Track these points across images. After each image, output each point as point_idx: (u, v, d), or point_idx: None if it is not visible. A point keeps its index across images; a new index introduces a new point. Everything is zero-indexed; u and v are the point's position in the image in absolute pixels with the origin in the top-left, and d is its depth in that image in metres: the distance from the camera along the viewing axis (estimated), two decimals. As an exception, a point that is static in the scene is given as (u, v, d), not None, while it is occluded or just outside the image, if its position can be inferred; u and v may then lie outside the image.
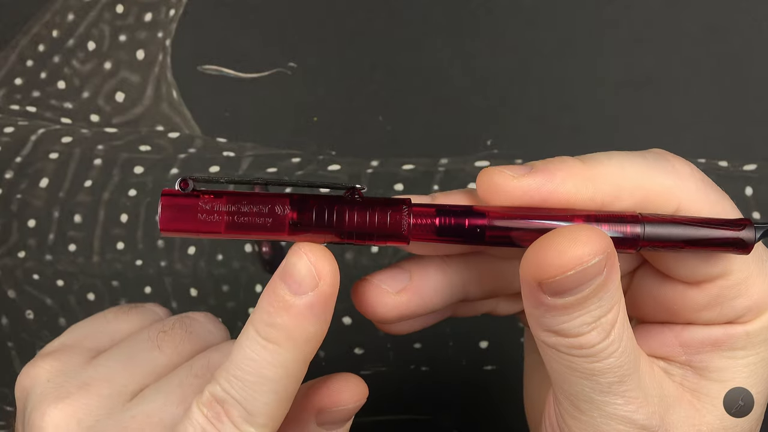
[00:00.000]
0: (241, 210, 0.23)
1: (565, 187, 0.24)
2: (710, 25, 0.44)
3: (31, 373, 0.29)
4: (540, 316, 0.23)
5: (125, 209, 0.46)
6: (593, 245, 0.22)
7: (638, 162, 0.25)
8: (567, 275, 0.22)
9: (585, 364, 0.23)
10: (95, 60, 0.47)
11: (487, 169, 0.24)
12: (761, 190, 0.44)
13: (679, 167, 0.25)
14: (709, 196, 0.25)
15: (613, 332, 0.23)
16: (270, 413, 0.24)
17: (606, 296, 0.23)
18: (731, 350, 0.26)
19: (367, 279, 0.27)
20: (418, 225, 0.24)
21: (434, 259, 0.27)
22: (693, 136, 0.44)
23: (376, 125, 0.46)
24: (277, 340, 0.23)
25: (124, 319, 0.32)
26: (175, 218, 0.23)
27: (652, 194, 0.24)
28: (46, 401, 0.27)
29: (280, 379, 0.24)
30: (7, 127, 0.47)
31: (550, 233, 0.22)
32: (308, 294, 0.23)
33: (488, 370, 0.45)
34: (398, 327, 0.29)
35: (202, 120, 0.47)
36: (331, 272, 0.23)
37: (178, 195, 0.24)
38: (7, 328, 0.47)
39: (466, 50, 0.45)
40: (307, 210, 0.24)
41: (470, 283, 0.27)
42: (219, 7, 0.46)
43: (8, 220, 0.46)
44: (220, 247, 0.46)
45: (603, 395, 0.24)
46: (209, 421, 0.24)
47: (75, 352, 0.30)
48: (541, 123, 0.45)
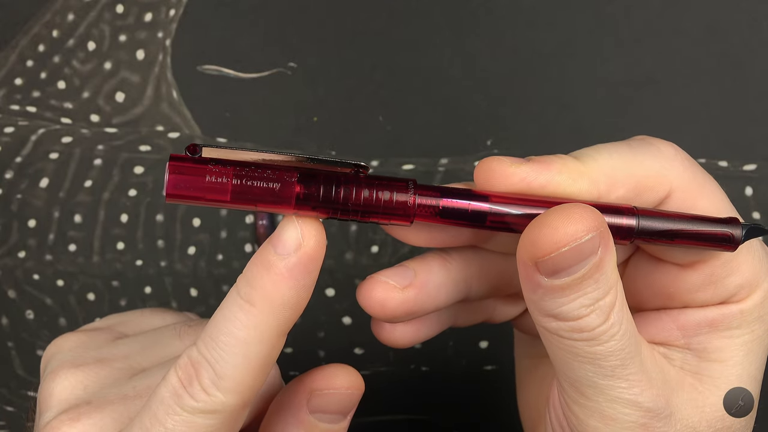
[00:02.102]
0: (248, 180, 0.23)
1: (560, 177, 0.24)
2: (710, 25, 0.44)
3: (58, 342, 0.30)
4: (539, 300, 0.24)
5: (125, 209, 0.46)
6: (586, 222, 0.22)
7: (624, 151, 0.26)
8: (561, 252, 0.22)
9: (586, 348, 0.24)
10: (95, 60, 0.47)
11: (485, 158, 0.25)
12: (761, 190, 0.44)
13: (664, 149, 0.26)
14: (695, 176, 0.26)
15: (613, 315, 0.24)
16: (239, 378, 0.24)
17: (602, 278, 0.23)
18: (728, 329, 0.26)
19: (373, 277, 0.27)
20: (422, 205, 0.24)
21: (435, 257, 0.28)
22: (693, 136, 0.44)
23: (376, 125, 0.46)
24: (254, 299, 0.24)
25: (158, 317, 0.33)
26: (182, 183, 0.23)
27: (643, 179, 0.25)
28: (62, 366, 0.28)
29: (252, 342, 0.24)
30: (7, 127, 0.47)
31: (544, 213, 0.23)
32: (290, 255, 0.23)
33: (488, 370, 0.46)
34: (401, 338, 0.29)
35: (202, 120, 0.47)
36: (315, 237, 0.24)
37: (186, 160, 0.23)
38: (7, 328, 0.47)
39: (466, 50, 0.45)
40: (314, 184, 0.24)
41: (471, 279, 0.28)
42: (219, 7, 0.46)
43: (8, 220, 0.46)
44: (220, 247, 0.46)
45: (607, 379, 0.24)
46: (181, 383, 0.24)
47: (103, 332, 0.31)
48: (541, 123, 0.45)
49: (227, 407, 0.24)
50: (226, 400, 0.24)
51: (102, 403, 0.27)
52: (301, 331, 0.44)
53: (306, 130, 0.46)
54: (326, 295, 0.44)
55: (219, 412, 0.24)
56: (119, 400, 0.27)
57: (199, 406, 0.24)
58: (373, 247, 0.45)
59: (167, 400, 0.24)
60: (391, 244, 0.45)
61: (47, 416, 0.27)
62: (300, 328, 0.26)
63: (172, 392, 0.24)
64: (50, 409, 0.27)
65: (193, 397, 0.24)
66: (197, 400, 0.24)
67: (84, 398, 0.27)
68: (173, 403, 0.24)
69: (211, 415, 0.24)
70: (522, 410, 0.33)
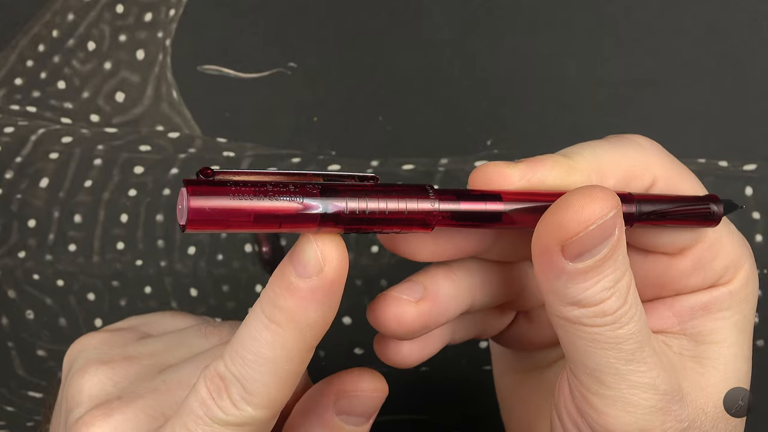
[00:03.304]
0: (270, 199, 0.21)
1: (554, 172, 0.25)
2: (710, 25, 0.44)
3: (82, 341, 0.30)
4: (562, 287, 0.24)
5: (125, 209, 0.46)
6: (609, 200, 0.23)
7: (605, 146, 0.27)
8: (589, 230, 0.23)
9: (609, 332, 0.24)
10: (95, 60, 0.47)
11: (480, 166, 0.25)
12: (761, 190, 0.44)
13: (642, 142, 0.27)
14: (673, 162, 0.27)
15: (629, 296, 0.24)
16: (268, 394, 0.24)
17: (620, 258, 0.24)
18: (719, 311, 0.28)
19: (384, 294, 0.27)
20: (442, 211, 0.24)
21: (439, 269, 0.28)
22: (693, 136, 0.44)
23: (376, 125, 0.46)
24: (280, 321, 0.23)
25: (179, 319, 0.33)
26: (204, 209, 0.21)
27: (630, 169, 0.26)
28: (90, 363, 0.28)
29: (279, 361, 0.24)
30: (7, 127, 0.47)
31: (564, 196, 0.23)
32: (312, 278, 0.23)
33: (488, 370, 0.45)
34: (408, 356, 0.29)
35: (202, 120, 0.47)
36: (337, 258, 0.23)
37: (203, 183, 0.21)
38: (7, 328, 0.47)
39: (466, 50, 0.45)
40: (338, 198, 0.23)
41: (475, 289, 0.28)
42: (219, 7, 0.46)
43: (8, 220, 0.46)
44: (220, 247, 0.46)
45: (628, 363, 0.24)
46: (210, 395, 0.24)
47: (127, 332, 0.31)
48: (541, 123, 0.45)
49: (257, 420, 0.24)
50: (255, 414, 0.24)
51: (133, 398, 0.27)
52: (301, 331, 0.44)
53: (306, 130, 0.46)
54: (326, 295, 0.44)
55: (249, 425, 0.24)
56: (150, 394, 0.27)
57: (229, 419, 0.24)
58: (373, 247, 0.45)
59: (197, 410, 0.24)
60: (391, 244, 0.45)
61: (78, 412, 0.27)
62: (300, 328, 0.26)
63: (202, 403, 0.24)
64: (80, 405, 0.27)
65: (222, 410, 0.24)
66: (227, 414, 0.24)
67: (114, 394, 0.27)
68: (203, 414, 0.24)
69: (241, 427, 0.24)
70: (511, 429, 0.33)
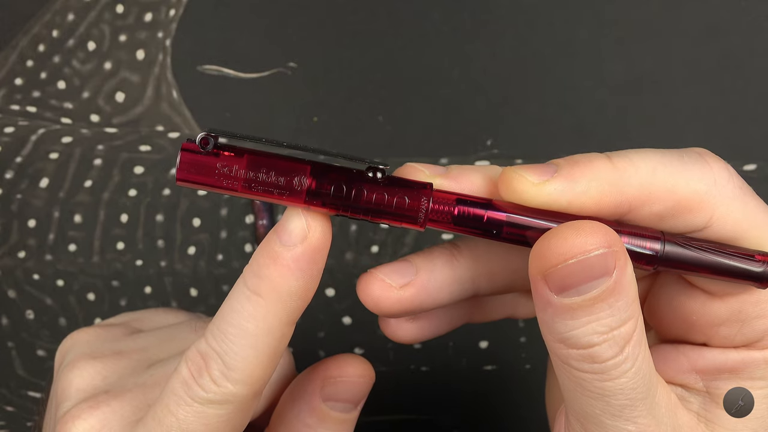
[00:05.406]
0: (260, 169, 0.23)
1: (589, 193, 0.23)
2: (710, 25, 0.44)
3: (74, 336, 0.31)
4: (549, 320, 0.22)
5: (125, 209, 0.46)
6: (597, 237, 0.21)
7: (674, 163, 0.23)
8: (568, 264, 0.21)
9: (596, 381, 0.22)
10: (95, 60, 0.47)
11: (507, 170, 0.23)
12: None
13: (717, 171, 0.24)
14: (746, 205, 0.24)
15: (627, 349, 0.22)
16: (248, 369, 0.24)
17: (618, 305, 0.22)
18: (750, 379, 0.25)
19: (372, 272, 0.27)
20: (435, 211, 0.24)
21: (443, 252, 0.27)
22: (693, 136, 0.44)
23: (376, 125, 0.46)
24: (261, 290, 0.24)
25: (171, 315, 0.33)
26: (194, 167, 0.23)
27: (684, 201, 0.23)
28: (80, 358, 0.29)
29: (260, 333, 0.24)
30: (7, 127, 0.47)
31: (556, 227, 0.22)
32: (296, 246, 0.23)
33: (488, 370, 0.45)
34: (404, 335, 0.29)
35: (202, 120, 0.47)
36: (320, 228, 0.23)
37: (198, 152, 0.23)
38: (7, 328, 0.47)
39: (466, 50, 0.45)
40: (327, 181, 0.23)
41: (480, 277, 0.27)
42: (219, 7, 0.46)
43: (8, 220, 0.46)
44: (221, 247, 0.46)
45: (614, 419, 0.23)
46: (192, 375, 0.24)
47: (119, 327, 0.31)
48: (542, 123, 0.45)
49: (237, 397, 0.24)
50: (236, 390, 0.24)
51: (120, 392, 0.27)
52: (301, 331, 0.44)
53: (306, 130, 0.46)
54: (326, 295, 0.44)
55: (229, 402, 0.24)
56: (137, 389, 0.27)
57: (209, 396, 0.24)
58: (373, 247, 0.45)
59: (178, 391, 0.24)
60: (391, 245, 0.45)
61: (66, 405, 0.27)
62: (300, 328, 0.26)
63: (183, 383, 0.24)
64: (69, 398, 0.28)
65: (203, 388, 0.24)
66: (207, 391, 0.24)
67: (102, 388, 0.28)
68: (184, 394, 0.24)
69: (222, 405, 0.24)
70: (549, 407, 0.32)
